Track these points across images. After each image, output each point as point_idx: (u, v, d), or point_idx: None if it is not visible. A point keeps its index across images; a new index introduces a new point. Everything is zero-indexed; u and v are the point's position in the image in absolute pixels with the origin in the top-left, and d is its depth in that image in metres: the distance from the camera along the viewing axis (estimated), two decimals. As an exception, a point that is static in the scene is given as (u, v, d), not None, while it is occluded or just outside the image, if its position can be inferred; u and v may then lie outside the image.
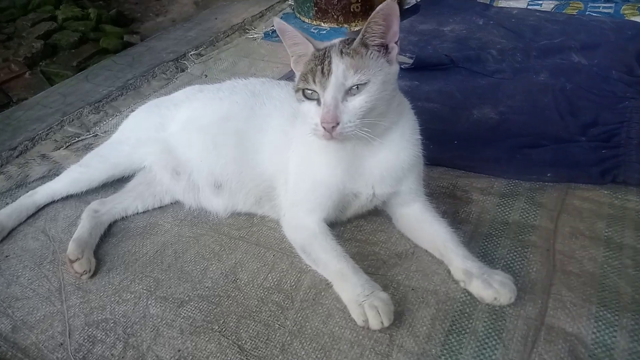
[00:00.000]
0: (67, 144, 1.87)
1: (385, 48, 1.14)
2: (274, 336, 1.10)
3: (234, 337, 1.11)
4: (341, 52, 1.11)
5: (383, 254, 1.28)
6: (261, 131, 1.38)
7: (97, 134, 1.92)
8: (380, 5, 1.06)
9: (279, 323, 1.13)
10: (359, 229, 1.38)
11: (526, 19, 2.51)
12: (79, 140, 1.89)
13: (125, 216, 1.49)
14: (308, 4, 2.76)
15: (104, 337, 1.13)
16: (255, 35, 2.73)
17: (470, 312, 1.11)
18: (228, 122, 1.43)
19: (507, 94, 1.91)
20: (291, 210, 1.31)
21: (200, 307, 1.19)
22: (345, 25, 2.70)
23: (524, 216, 1.37)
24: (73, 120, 2.03)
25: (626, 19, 2.48)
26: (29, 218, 1.49)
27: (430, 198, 1.33)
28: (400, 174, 1.26)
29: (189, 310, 1.18)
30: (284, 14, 3.00)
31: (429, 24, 2.51)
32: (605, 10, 2.58)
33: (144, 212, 1.50)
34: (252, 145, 1.38)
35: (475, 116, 1.80)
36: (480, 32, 2.41)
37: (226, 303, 1.19)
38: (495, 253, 1.26)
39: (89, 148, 1.67)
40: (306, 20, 2.82)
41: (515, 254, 1.25)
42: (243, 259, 1.31)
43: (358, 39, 1.12)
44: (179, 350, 1.09)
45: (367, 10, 2.66)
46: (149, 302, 1.21)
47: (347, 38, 1.17)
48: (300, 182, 1.29)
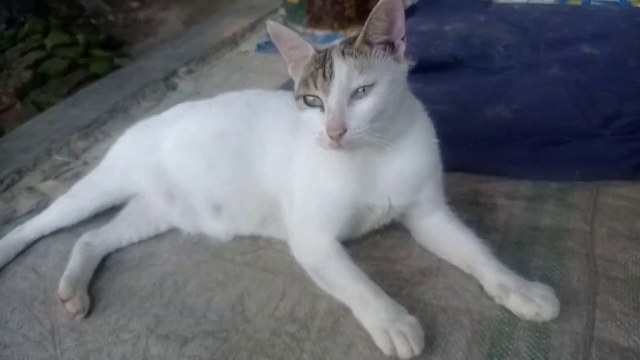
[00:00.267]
0: (56, 174, 1.75)
1: (391, 46, 1.03)
2: (290, 373, 0.98)
3: (245, 378, 0.99)
4: (343, 53, 1.01)
5: (405, 272, 1.16)
6: (260, 145, 1.27)
7: (87, 162, 1.80)
8: (381, 0, 0.96)
9: (295, 357, 1.01)
10: (376, 245, 1.26)
11: (529, 12, 2.43)
12: (68, 170, 1.77)
13: (120, 247, 1.37)
14: (300, 12, 2.69)
15: (101, 385, 1.01)
16: (247, 48, 2.65)
17: (510, 332, 0.99)
18: (223, 138, 1.32)
19: (519, 90, 1.81)
20: (299, 230, 1.20)
21: (206, 345, 1.06)
22: (341, 31, 2.64)
23: (556, 220, 1.25)
24: (61, 148, 1.91)
25: (633, 6, 2.39)
26: (17, 256, 1.37)
27: (452, 206, 1.22)
28: (418, 182, 1.15)
29: (194, 348, 1.06)
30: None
31: (428, 24, 2.43)
32: (611, -1, 2.49)
33: (139, 242, 1.38)
34: (252, 161, 1.27)
35: (488, 116, 1.69)
36: (483, 29, 2.32)
37: (235, 338, 1.07)
38: (530, 263, 1.14)
39: (77, 177, 1.57)
40: (299, 29, 2.74)
41: (552, 262, 1.13)
42: (250, 287, 1.19)
43: (360, 37, 1.02)
44: (185, 397, 0.97)
45: (362, 15, 2.58)
46: (149, 342, 1.09)
47: (349, 38, 1.07)
48: (308, 199, 1.18)
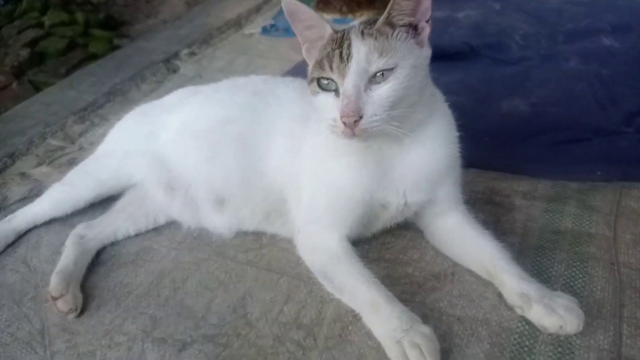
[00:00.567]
0: (50, 160, 1.67)
1: (414, 28, 0.96)
2: (295, 384, 0.92)
3: (247, 388, 0.92)
4: (362, 33, 0.93)
5: (418, 276, 1.10)
6: (267, 135, 1.20)
7: (83, 147, 1.73)
8: None
9: (300, 367, 0.95)
10: (386, 246, 1.19)
11: (547, 1, 2.32)
12: (62, 155, 1.69)
13: (115, 241, 1.30)
14: (308, -5, 2.58)
15: (93, 392, 0.95)
16: (252, 31, 2.55)
17: (530, 346, 0.93)
18: (228, 127, 1.24)
19: (537, 83, 1.72)
20: (307, 227, 1.13)
21: (206, 350, 1.00)
22: (350, 16, 2.52)
23: (578, 223, 1.18)
24: (56, 131, 1.83)
25: (657, -4, 2.29)
26: (7, 247, 1.30)
27: (467, 206, 1.14)
28: (437, 178, 1.07)
29: (193, 354, 0.99)
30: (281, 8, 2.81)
31: (441, 10, 2.32)
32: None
33: (136, 235, 1.31)
34: (258, 152, 1.20)
35: (504, 109, 1.61)
36: (498, 18, 2.22)
37: (236, 344, 1.00)
38: (551, 269, 1.07)
39: (73, 163, 1.50)
40: (307, 13, 2.64)
41: (574, 269, 1.06)
42: (253, 288, 1.12)
43: (383, 18, 0.94)
44: (182, 408, 0.91)
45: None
46: (145, 346, 1.02)
47: (369, 19, 0.98)
48: (317, 194, 1.11)
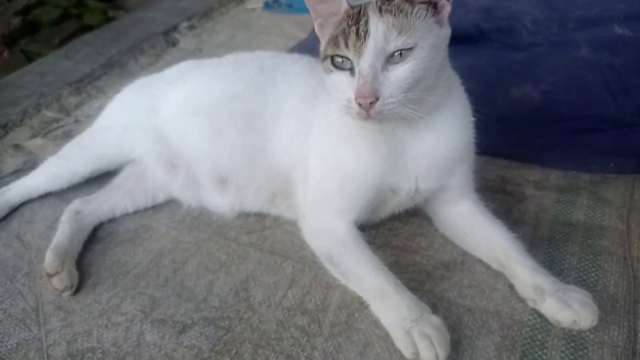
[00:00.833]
0: (45, 132, 1.62)
1: (434, 6, 0.91)
2: (300, 371, 0.89)
3: (250, 373, 0.90)
4: (380, 10, 0.88)
5: (426, 264, 1.07)
6: (274, 115, 1.15)
7: (79, 119, 1.67)
8: None
9: (305, 354, 0.92)
10: (394, 232, 1.15)
11: (557, -14, 2.26)
12: (58, 127, 1.64)
13: (113, 217, 1.26)
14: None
15: (89, 373, 0.91)
16: (254, 5, 2.48)
17: (542, 340, 0.90)
18: (233, 103, 1.19)
19: (547, 70, 1.67)
20: (314, 211, 1.09)
21: (207, 333, 0.97)
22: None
23: (590, 215, 1.16)
24: (51, 103, 1.77)
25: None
26: (0, 221, 1.26)
27: (478, 194, 1.11)
28: (451, 165, 1.04)
29: (193, 337, 0.96)
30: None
31: (450, -8, 2.26)
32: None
33: (134, 213, 1.27)
34: (264, 131, 1.15)
35: (515, 96, 1.56)
36: (508, 1, 2.13)
37: (238, 328, 0.97)
38: (563, 262, 1.04)
39: (69, 136, 1.45)
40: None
41: (586, 262, 1.04)
42: (256, 271, 1.09)
43: None
44: (183, 392, 0.88)
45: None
46: (144, 327, 0.99)
47: None
48: (326, 177, 1.07)
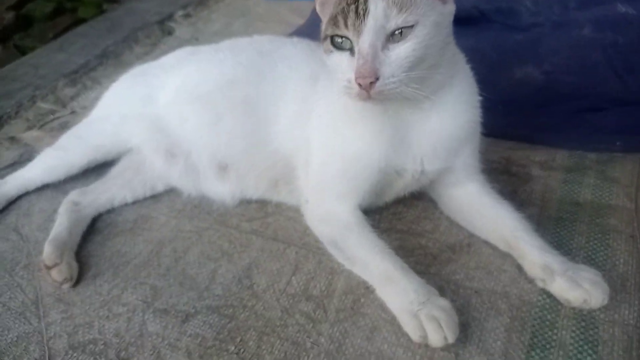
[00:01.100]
0: (40, 123, 1.60)
1: None
2: (306, 358, 0.87)
3: (255, 361, 0.88)
4: None
5: (432, 247, 1.05)
6: (275, 98, 1.13)
7: (75, 111, 1.65)
8: None
9: (311, 340, 0.90)
10: (398, 216, 1.14)
11: (557, -35, 2.23)
12: (54, 119, 1.62)
13: (111, 208, 1.24)
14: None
15: (92, 364, 0.89)
16: (250, -7, 2.44)
17: (552, 320, 0.89)
18: (233, 89, 1.17)
19: (549, 50, 1.64)
20: (316, 196, 1.07)
21: (210, 322, 0.95)
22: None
23: (597, 195, 1.14)
24: (47, 94, 1.75)
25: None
26: (-2, 214, 1.24)
27: (484, 176, 1.09)
28: (457, 145, 1.02)
29: (197, 325, 0.95)
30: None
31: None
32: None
33: (133, 203, 1.25)
34: (264, 116, 1.13)
35: (517, 76, 1.54)
36: (508, -18, 2.13)
37: (242, 316, 0.96)
38: (572, 242, 1.03)
39: (65, 127, 1.43)
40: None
41: (595, 242, 1.02)
42: (259, 258, 1.07)
43: None
44: (188, 381, 0.86)
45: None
46: (146, 317, 0.97)
47: None
48: (329, 160, 1.05)
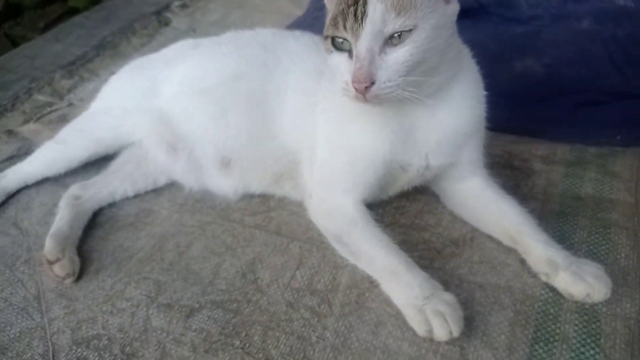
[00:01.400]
0: (38, 116, 1.58)
1: None
2: (312, 352, 0.88)
3: (261, 356, 0.88)
4: None
5: (435, 242, 1.05)
6: (279, 93, 1.12)
7: (72, 103, 1.63)
8: None
9: (316, 335, 0.90)
10: (401, 211, 1.14)
11: (556, -42, 2.23)
12: (51, 111, 1.60)
13: (113, 202, 1.23)
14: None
15: (97, 359, 0.89)
16: (247, -17, 2.41)
17: (555, 314, 0.90)
18: (237, 83, 1.16)
19: (549, 43, 1.64)
20: (321, 190, 1.07)
21: (215, 317, 0.95)
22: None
23: (598, 189, 1.14)
24: (43, 86, 1.72)
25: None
26: (-4, 208, 1.23)
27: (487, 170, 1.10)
28: (462, 140, 1.02)
29: (201, 320, 0.95)
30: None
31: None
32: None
33: (134, 197, 1.25)
34: (269, 110, 1.13)
35: (517, 70, 1.54)
36: (506, -26, 2.12)
37: (247, 310, 0.96)
38: (574, 236, 1.03)
39: (64, 120, 1.42)
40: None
41: (597, 236, 1.03)
42: (262, 253, 1.07)
43: None
44: (194, 376, 0.87)
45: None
46: (150, 312, 0.97)
47: None
48: (334, 155, 1.04)
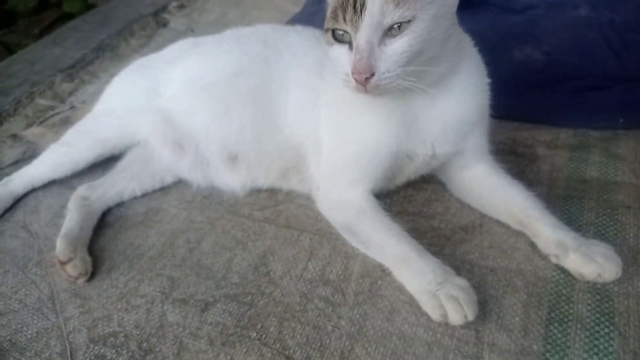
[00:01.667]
0: (41, 120, 1.58)
1: None
2: (328, 341, 0.88)
3: (278, 346, 0.89)
4: None
5: (444, 229, 1.06)
6: (282, 87, 1.13)
7: (74, 105, 1.63)
8: None
9: (332, 324, 0.91)
10: (409, 199, 1.15)
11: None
12: (54, 114, 1.60)
13: (121, 202, 1.24)
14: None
15: (115, 356, 0.90)
16: (244, -18, 2.41)
17: (568, 294, 0.91)
18: (239, 79, 1.17)
19: (547, 31, 1.66)
20: (328, 182, 1.08)
21: (230, 310, 0.96)
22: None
23: (603, 172, 1.16)
24: (44, 90, 1.73)
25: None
26: (5, 212, 1.23)
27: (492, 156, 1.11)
28: (467, 128, 1.03)
29: (217, 314, 0.96)
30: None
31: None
32: None
33: (142, 196, 1.25)
34: (273, 105, 1.13)
35: (517, 58, 1.56)
36: (501, -36, 2.13)
37: (261, 302, 0.97)
38: (581, 218, 1.05)
39: (67, 122, 1.40)
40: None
41: (604, 217, 1.04)
42: (273, 246, 1.08)
43: None
44: (213, 368, 0.87)
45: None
46: (165, 307, 0.98)
47: None
48: (340, 147, 1.05)
